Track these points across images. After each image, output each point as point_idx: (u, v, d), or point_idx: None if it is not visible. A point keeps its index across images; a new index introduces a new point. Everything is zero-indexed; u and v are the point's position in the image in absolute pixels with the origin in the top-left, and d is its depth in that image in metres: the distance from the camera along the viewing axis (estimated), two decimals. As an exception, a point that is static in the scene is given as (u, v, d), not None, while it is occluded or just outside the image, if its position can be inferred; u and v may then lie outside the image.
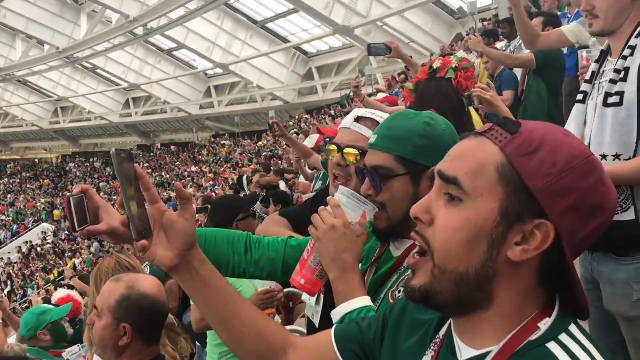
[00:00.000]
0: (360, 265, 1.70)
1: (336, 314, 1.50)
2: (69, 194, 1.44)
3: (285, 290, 3.77)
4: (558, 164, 0.92)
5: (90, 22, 32.69)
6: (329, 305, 1.65)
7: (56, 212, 36.13)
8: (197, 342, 4.59)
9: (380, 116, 1.96)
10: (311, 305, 2.08)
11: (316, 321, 2.03)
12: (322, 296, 2.00)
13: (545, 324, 0.95)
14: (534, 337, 0.94)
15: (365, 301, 1.48)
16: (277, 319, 3.68)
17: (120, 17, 30.23)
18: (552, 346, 0.92)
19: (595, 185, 0.94)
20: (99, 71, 40.52)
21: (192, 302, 3.74)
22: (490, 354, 0.96)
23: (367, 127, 1.91)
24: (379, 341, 1.22)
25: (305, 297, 2.17)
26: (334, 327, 1.32)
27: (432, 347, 1.08)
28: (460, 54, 4.63)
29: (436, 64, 2.73)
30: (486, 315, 0.98)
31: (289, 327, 3.46)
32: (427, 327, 1.13)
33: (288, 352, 1.30)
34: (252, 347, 1.31)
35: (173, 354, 2.41)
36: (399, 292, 1.53)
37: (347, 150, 1.88)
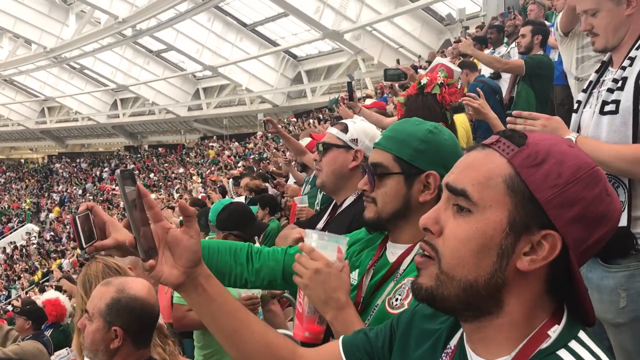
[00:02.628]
0: (357, 272, 1.73)
1: None
2: (74, 212, 1.46)
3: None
4: (564, 175, 0.94)
5: (78, 22, 32.53)
6: None
7: (56, 210, 35.76)
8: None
9: (350, 120, 2.56)
10: None
11: None
12: None
13: (554, 332, 0.96)
14: (544, 345, 0.95)
15: None
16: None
17: (109, 18, 30.09)
18: (563, 353, 0.93)
19: (600, 195, 0.95)
20: (86, 71, 40.30)
21: (174, 301, 3.73)
22: None
23: (336, 127, 2.46)
24: (387, 351, 1.23)
25: None
26: (341, 338, 1.32)
27: (444, 358, 1.10)
28: (437, 59, 4.68)
29: (424, 80, 2.91)
30: (496, 322, 0.99)
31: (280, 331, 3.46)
32: (436, 336, 1.13)
33: None
34: None
35: (163, 355, 2.41)
36: (396, 300, 1.57)
37: (319, 146, 2.42)
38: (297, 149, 4.92)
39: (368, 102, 7.47)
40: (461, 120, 5.23)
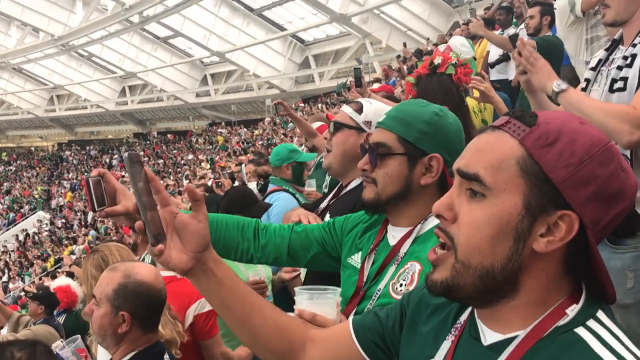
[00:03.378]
0: (360, 254, 1.73)
1: None
2: (87, 175, 1.49)
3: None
4: (577, 153, 0.92)
5: (85, 10, 32.48)
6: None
7: (69, 194, 36.00)
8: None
9: (366, 100, 2.40)
10: None
11: None
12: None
13: (572, 310, 0.95)
14: (561, 322, 0.94)
15: None
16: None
17: (115, 5, 30.03)
18: (581, 331, 0.92)
19: (615, 171, 0.94)
20: (94, 59, 40.32)
21: None
22: (517, 338, 0.96)
23: (350, 106, 2.34)
24: (398, 329, 1.22)
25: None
26: (351, 319, 1.31)
27: (453, 332, 1.08)
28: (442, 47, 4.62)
29: (437, 60, 2.79)
30: (512, 303, 0.98)
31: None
32: (447, 312, 1.13)
33: (307, 346, 1.30)
34: (272, 344, 1.29)
35: (172, 335, 2.44)
36: (400, 285, 1.56)
37: (330, 125, 2.32)
38: (308, 130, 4.92)
39: (375, 86, 7.41)
40: (472, 104, 5.19)
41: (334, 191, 2.55)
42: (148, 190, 1.19)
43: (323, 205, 2.48)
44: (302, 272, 3.56)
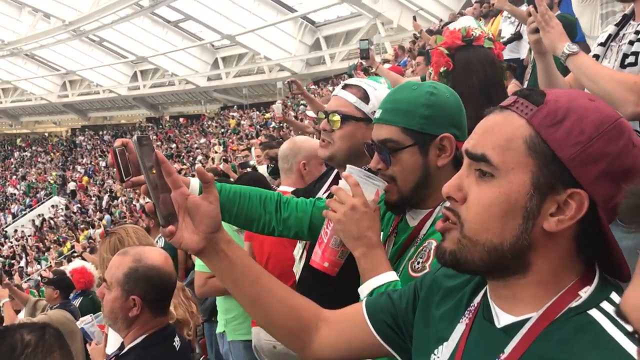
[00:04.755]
0: (382, 235, 1.71)
1: (364, 289, 1.51)
2: (113, 146, 1.54)
3: None
4: (586, 131, 0.91)
5: (96, -6, 32.48)
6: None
7: (85, 179, 36.32)
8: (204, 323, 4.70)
9: (367, 83, 2.08)
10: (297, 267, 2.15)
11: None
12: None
13: (585, 292, 0.94)
14: (574, 304, 0.93)
15: (391, 276, 1.49)
16: None
17: (125, -11, 30.00)
18: (594, 313, 0.91)
19: (625, 147, 0.92)
20: (106, 44, 40.38)
21: (196, 269, 3.78)
22: (530, 320, 0.95)
23: (352, 93, 2.04)
24: (411, 312, 1.22)
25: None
26: (364, 300, 1.32)
27: (467, 315, 1.08)
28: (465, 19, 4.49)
29: (476, 32, 2.61)
30: (523, 280, 0.97)
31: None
32: (460, 295, 1.13)
33: (320, 326, 1.31)
34: (284, 324, 1.31)
35: (184, 316, 2.46)
36: (418, 263, 1.55)
37: (331, 115, 2.02)
38: (320, 109, 4.91)
39: (385, 66, 7.35)
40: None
41: (330, 178, 2.50)
42: (159, 173, 1.20)
43: (321, 193, 2.43)
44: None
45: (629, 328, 0.64)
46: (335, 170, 2.45)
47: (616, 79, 2.09)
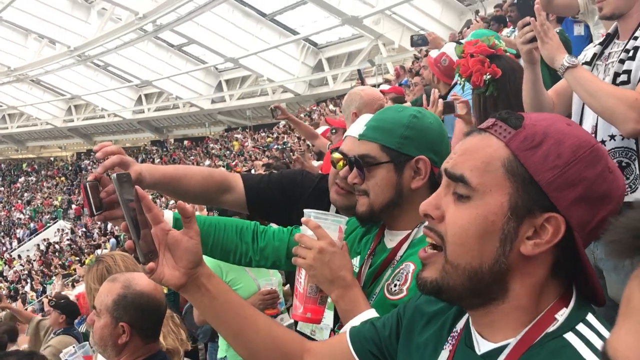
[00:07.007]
0: (359, 258, 1.71)
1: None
2: (84, 180, 1.55)
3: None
4: (563, 155, 0.92)
5: (100, 19, 32.83)
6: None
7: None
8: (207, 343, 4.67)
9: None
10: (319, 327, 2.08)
11: (325, 335, 2.05)
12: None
13: (562, 315, 0.94)
14: (551, 328, 0.93)
15: (371, 314, 1.49)
16: (285, 316, 3.67)
17: (129, 14, 30.32)
18: (570, 336, 0.91)
19: (602, 173, 0.93)
20: (110, 68, 40.74)
21: None
22: (508, 347, 0.95)
23: None
24: (395, 339, 1.22)
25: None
26: (349, 330, 1.31)
27: (450, 342, 1.08)
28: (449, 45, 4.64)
29: (500, 44, 2.79)
30: (502, 307, 0.97)
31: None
32: (443, 321, 1.13)
33: (305, 357, 1.30)
34: (268, 356, 1.30)
35: (174, 344, 2.44)
36: (395, 286, 1.55)
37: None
38: (308, 132, 4.92)
39: (385, 87, 7.38)
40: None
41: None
42: (140, 209, 1.20)
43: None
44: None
45: None
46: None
47: (617, 96, 2.10)
